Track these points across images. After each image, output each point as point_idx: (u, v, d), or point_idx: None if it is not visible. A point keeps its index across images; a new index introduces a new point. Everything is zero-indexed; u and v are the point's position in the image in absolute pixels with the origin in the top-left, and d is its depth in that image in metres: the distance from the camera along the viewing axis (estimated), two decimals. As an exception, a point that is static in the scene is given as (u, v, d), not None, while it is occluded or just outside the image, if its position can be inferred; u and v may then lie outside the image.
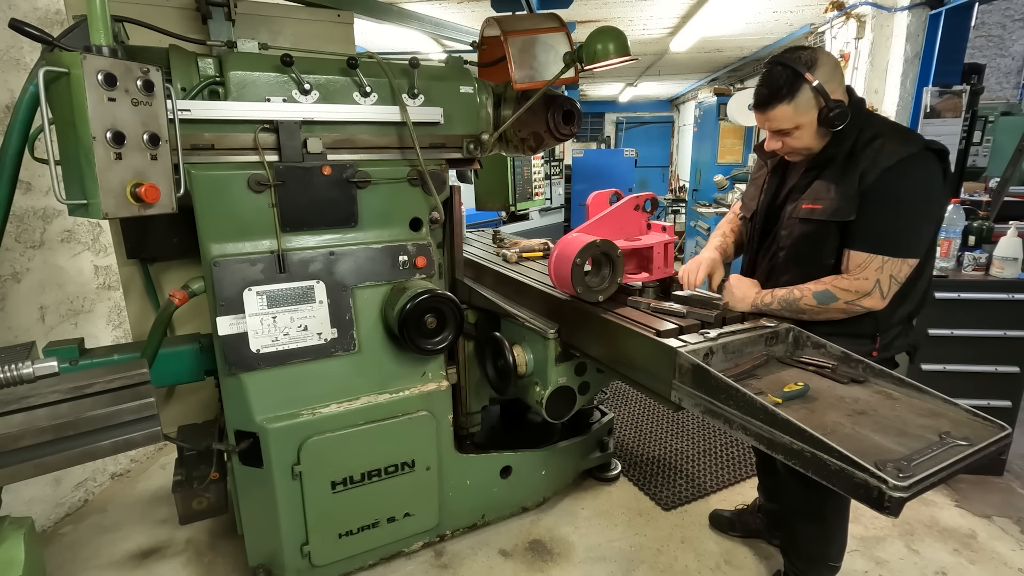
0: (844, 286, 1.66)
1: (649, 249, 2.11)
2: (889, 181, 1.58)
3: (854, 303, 1.66)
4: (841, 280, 1.67)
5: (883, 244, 1.62)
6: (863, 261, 1.64)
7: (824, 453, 1.24)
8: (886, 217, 1.60)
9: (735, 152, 7.07)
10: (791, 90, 1.61)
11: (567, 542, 2.46)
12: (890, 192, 1.59)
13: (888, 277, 1.63)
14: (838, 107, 1.60)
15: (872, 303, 1.65)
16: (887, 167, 1.59)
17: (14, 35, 1.55)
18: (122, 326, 2.92)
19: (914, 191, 1.59)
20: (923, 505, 2.65)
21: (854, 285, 1.65)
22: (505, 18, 2.20)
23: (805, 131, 1.66)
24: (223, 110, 1.78)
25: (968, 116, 3.70)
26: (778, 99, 1.63)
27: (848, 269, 1.67)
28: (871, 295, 1.64)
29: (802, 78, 1.60)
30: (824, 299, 1.68)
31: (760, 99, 1.69)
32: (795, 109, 1.63)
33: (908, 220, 1.61)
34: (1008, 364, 2.75)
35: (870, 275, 1.63)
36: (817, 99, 1.61)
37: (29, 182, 2.42)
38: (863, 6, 4.07)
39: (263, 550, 2.09)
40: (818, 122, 1.63)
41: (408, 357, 2.15)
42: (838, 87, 1.65)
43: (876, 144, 1.63)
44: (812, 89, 1.60)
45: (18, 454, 1.24)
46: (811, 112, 1.63)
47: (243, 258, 1.87)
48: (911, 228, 1.62)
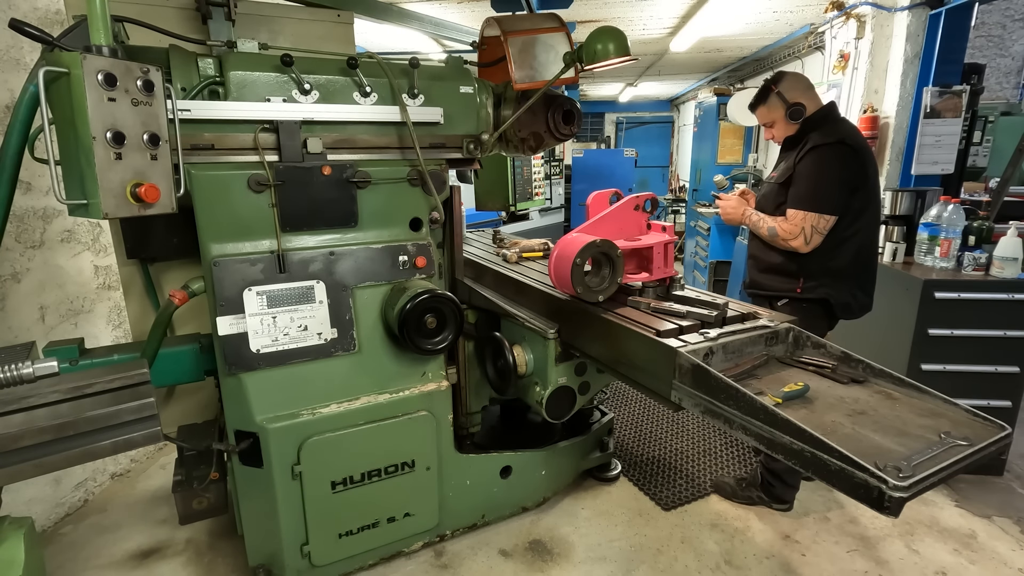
0: (785, 228, 2.32)
1: (649, 249, 2.11)
2: (807, 160, 2.28)
3: (787, 241, 2.31)
4: (783, 223, 2.33)
5: (802, 202, 2.28)
6: (792, 215, 2.31)
7: (824, 453, 1.24)
8: (803, 184, 2.30)
9: (735, 152, 7.07)
10: (764, 97, 2.48)
11: (567, 542, 2.46)
12: (807, 167, 2.28)
13: (810, 227, 2.26)
14: (794, 107, 2.39)
15: (797, 244, 2.29)
16: (808, 150, 2.29)
17: (14, 35, 1.56)
18: (122, 326, 2.92)
19: (820, 166, 2.26)
20: (923, 505, 2.65)
21: (787, 228, 2.31)
22: (505, 18, 2.20)
23: (778, 124, 2.48)
24: (223, 110, 1.78)
25: (968, 116, 3.70)
26: (757, 103, 2.53)
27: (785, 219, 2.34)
28: (797, 238, 2.28)
29: (770, 89, 2.45)
30: (771, 233, 2.37)
31: (750, 104, 2.59)
32: (768, 109, 2.48)
33: (816, 185, 2.26)
34: (1008, 364, 2.75)
35: (797, 223, 2.28)
36: (781, 102, 2.42)
37: (29, 182, 2.42)
38: (863, 6, 4.07)
39: (263, 550, 2.09)
40: (785, 117, 2.43)
41: (408, 357, 2.15)
42: (801, 95, 2.41)
43: (811, 136, 2.32)
44: (776, 95, 2.43)
45: (18, 454, 1.24)
46: (780, 110, 2.44)
47: (243, 258, 1.87)
48: (819, 191, 2.26)
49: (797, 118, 2.40)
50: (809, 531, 2.50)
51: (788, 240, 2.30)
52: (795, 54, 6.11)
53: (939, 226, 2.74)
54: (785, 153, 2.51)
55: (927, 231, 2.80)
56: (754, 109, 2.55)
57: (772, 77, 2.51)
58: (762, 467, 2.63)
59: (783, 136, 2.50)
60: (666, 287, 2.16)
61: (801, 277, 2.38)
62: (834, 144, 2.25)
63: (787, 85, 2.43)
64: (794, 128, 2.43)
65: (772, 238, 2.38)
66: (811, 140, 2.30)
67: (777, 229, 2.34)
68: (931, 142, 3.69)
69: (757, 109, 2.53)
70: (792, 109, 2.39)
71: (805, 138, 2.34)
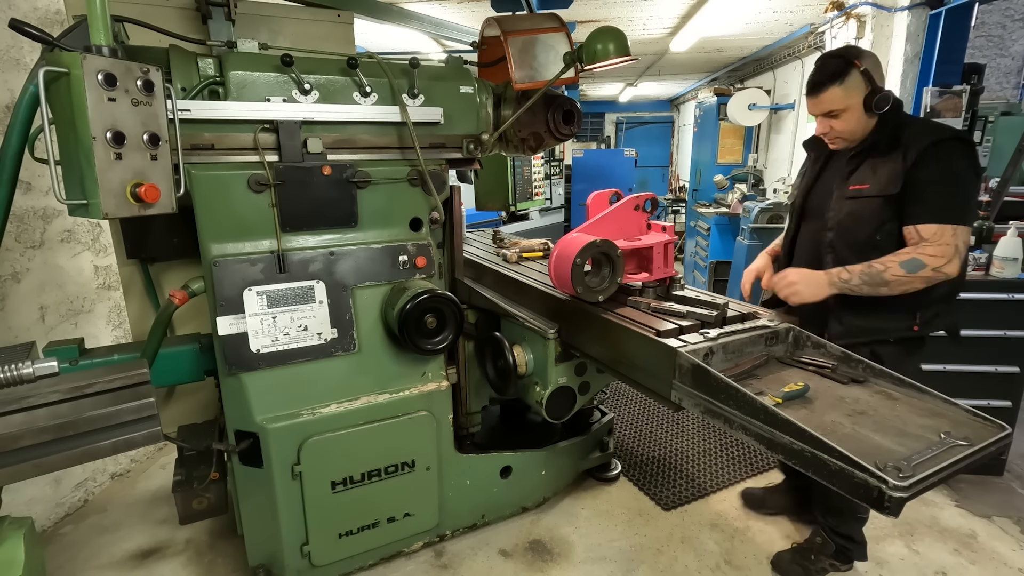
0: (931, 252, 1.74)
1: (649, 249, 2.11)
2: (934, 158, 1.76)
3: (939, 269, 1.75)
4: (927, 247, 1.76)
5: (949, 214, 1.76)
6: (936, 231, 1.76)
7: (824, 453, 1.24)
8: (944, 189, 1.76)
9: (735, 152, 7.08)
10: (842, 74, 1.83)
11: (567, 542, 2.46)
12: (940, 167, 1.76)
13: (963, 244, 1.77)
14: (883, 92, 1.82)
15: (952, 269, 1.76)
16: (926, 147, 1.76)
17: (14, 35, 1.56)
18: (122, 326, 2.92)
19: (960, 165, 1.77)
20: (923, 505, 2.65)
21: (939, 251, 1.74)
22: (505, 18, 2.20)
23: (851, 113, 1.86)
24: (223, 110, 1.78)
25: (968, 116, 3.70)
26: (830, 82, 1.85)
27: (924, 240, 1.78)
28: (952, 262, 1.75)
29: (852, 64, 1.83)
30: (912, 267, 1.75)
31: (813, 83, 1.90)
32: (844, 91, 1.84)
33: (962, 190, 1.78)
34: (1008, 364, 2.75)
35: (948, 242, 1.74)
36: (864, 83, 1.83)
37: (29, 182, 2.42)
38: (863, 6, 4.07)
39: (263, 550, 2.09)
40: (864, 106, 1.84)
41: (408, 357, 2.15)
42: (880, 79, 1.87)
43: (913, 130, 1.83)
44: (860, 73, 1.82)
45: (18, 454, 1.24)
46: (858, 95, 1.84)
47: (243, 258, 1.87)
48: (964, 198, 1.79)
49: (883, 107, 1.82)
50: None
51: (942, 267, 1.74)
52: (795, 54, 6.11)
53: (939, 226, 2.73)
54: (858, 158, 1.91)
55: (927, 231, 2.79)
56: (820, 90, 1.87)
57: (842, 50, 1.92)
58: (830, 532, 2.19)
59: (853, 132, 1.89)
60: (666, 287, 2.16)
61: (917, 310, 1.86)
62: (954, 139, 1.79)
63: (872, 63, 1.85)
64: (869, 124, 1.87)
65: (913, 277, 1.75)
66: (922, 133, 1.80)
67: (923, 259, 1.74)
68: (931, 142, 3.69)
69: (826, 90, 1.86)
70: (881, 95, 1.81)
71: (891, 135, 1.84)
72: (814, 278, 1.88)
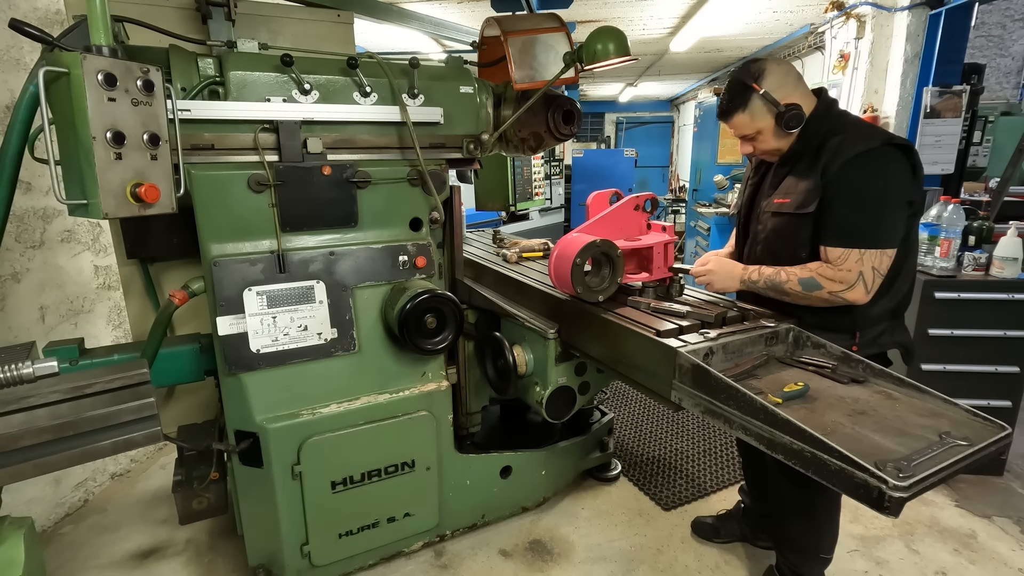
0: (829, 275, 1.68)
1: (649, 249, 2.11)
2: (848, 174, 1.64)
3: (837, 294, 1.68)
4: (826, 269, 1.69)
5: (856, 236, 1.65)
6: (840, 255, 1.67)
7: (824, 453, 1.24)
8: (851, 210, 1.65)
9: (735, 152, 7.06)
10: (744, 100, 1.77)
11: (567, 542, 2.46)
12: (851, 185, 1.65)
13: (871, 270, 1.65)
14: (792, 110, 1.72)
15: (856, 296, 1.67)
16: (846, 160, 1.64)
17: (14, 35, 1.56)
18: (122, 326, 2.92)
19: (875, 183, 1.64)
20: (923, 505, 2.65)
21: (838, 275, 1.67)
22: (505, 18, 2.20)
23: (766, 134, 1.80)
24: (223, 110, 1.78)
25: (968, 116, 3.70)
26: (735, 110, 1.80)
27: (828, 262, 1.70)
28: (855, 288, 1.66)
29: (750, 88, 1.75)
30: (808, 286, 1.71)
31: (721, 110, 1.86)
32: (751, 117, 1.78)
33: (872, 211, 1.65)
34: (1008, 364, 2.75)
35: (852, 267, 1.65)
36: (768, 106, 1.75)
37: (29, 182, 2.42)
38: (863, 6, 4.07)
39: (263, 550, 2.09)
40: (776, 125, 1.76)
41: (408, 357, 2.15)
42: (792, 91, 1.76)
43: (836, 140, 1.69)
44: (761, 98, 1.74)
45: (18, 454, 1.24)
46: (766, 118, 1.77)
47: (243, 258, 1.87)
48: (878, 219, 1.65)
49: (796, 125, 1.74)
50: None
51: (841, 292, 1.66)
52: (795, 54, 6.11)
53: (939, 226, 2.74)
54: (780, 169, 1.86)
55: (927, 231, 2.79)
56: (728, 118, 1.83)
57: (744, 69, 1.79)
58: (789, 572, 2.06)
59: (773, 150, 1.82)
60: (666, 287, 2.15)
61: (856, 329, 1.77)
62: (881, 149, 1.63)
63: (774, 82, 1.73)
64: (790, 139, 1.78)
65: (809, 296, 1.71)
66: (837, 146, 1.67)
67: (818, 279, 1.68)
68: (931, 142, 3.69)
69: (733, 117, 1.81)
70: (790, 115, 1.72)
71: (818, 144, 1.72)
72: (729, 270, 1.89)
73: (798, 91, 1.77)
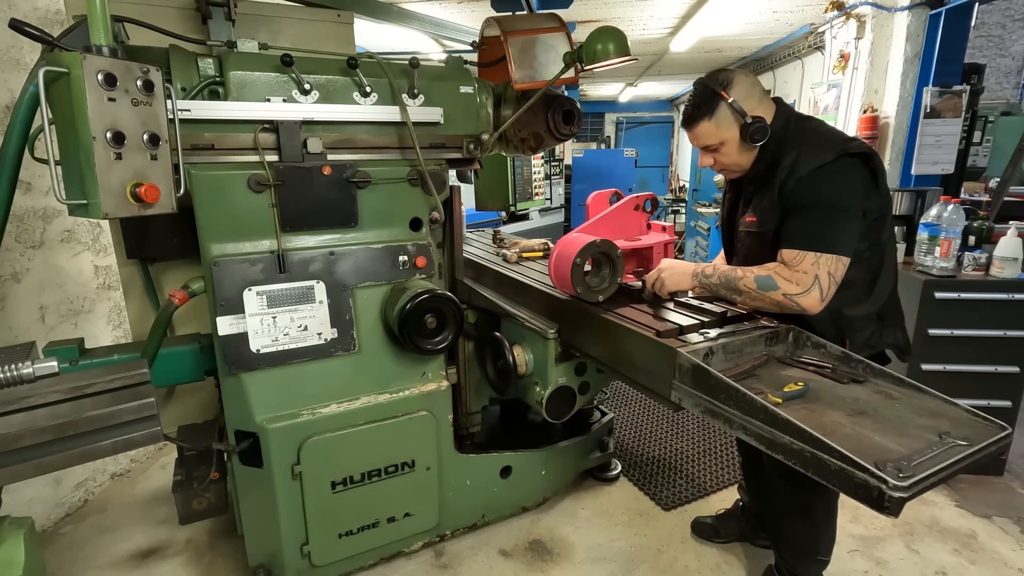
0: (786, 276, 1.66)
1: (649, 249, 2.11)
2: (803, 190, 1.64)
3: (791, 297, 1.65)
4: (784, 269, 1.67)
5: (811, 240, 1.63)
6: (796, 256, 1.65)
7: (824, 453, 1.24)
8: (807, 217, 1.65)
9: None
10: (711, 108, 1.72)
11: (567, 542, 2.46)
12: (805, 198, 1.65)
13: (827, 275, 1.62)
14: (757, 123, 1.69)
15: (810, 303, 1.64)
16: (799, 178, 1.64)
17: (14, 35, 1.55)
18: (122, 326, 2.92)
19: (828, 195, 1.63)
20: (923, 505, 2.65)
21: (795, 277, 1.64)
22: (505, 18, 2.20)
23: (730, 147, 1.76)
24: (223, 110, 1.78)
25: (968, 116, 3.70)
26: (699, 116, 1.75)
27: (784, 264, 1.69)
28: (810, 292, 1.63)
29: (719, 96, 1.70)
30: (764, 285, 1.68)
31: (685, 117, 1.81)
32: (716, 126, 1.74)
33: (827, 219, 1.63)
34: (1008, 364, 2.75)
35: (808, 269, 1.62)
36: (735, 116, 1.71)
37: (29, 182, 2.42)
38: (863, 6, 4.07)
39: (263, 550, 2.09)
40: (740, 138, 1.72)
41: (408, 357, 2.15)
42: (758, 104, 1.73)
43: (792, 156, 1.68)
44: (728, 106, 1.70)
45: (18, 454, 1.24)
46: (731, 129, 1.73)
47: (243, 258, 1.87)
48: (833, 226, 1.63)
49: (761, 139, 1.70)
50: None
51: (796, 296, 1.63)
52: (795, 54, 6.11)
53: (939, 226, 2.74)
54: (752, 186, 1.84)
55: (927, 231, 2.80)
56: (692, 125, 1.78)
57: (712, 77, 1.75)
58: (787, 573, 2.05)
59: (734, 164, 1.79)
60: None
61: (845, 337, 1.76)
62: (835, 162, 1.63)
63: (742, 92, 1.71)
64: (752, 154, 1.76)
65: (763, 296, 1.68)
66: (792, 162, 1.66)
67: (775, 278, 1.66)
68: (931, 142, 3.69)
69: (697, 125, 1.76)
70: (755, 127, 1.69)
71: (777, 159, 1.71)
72: (680, 269, 1.89)
73: (763, 105, 1.75)
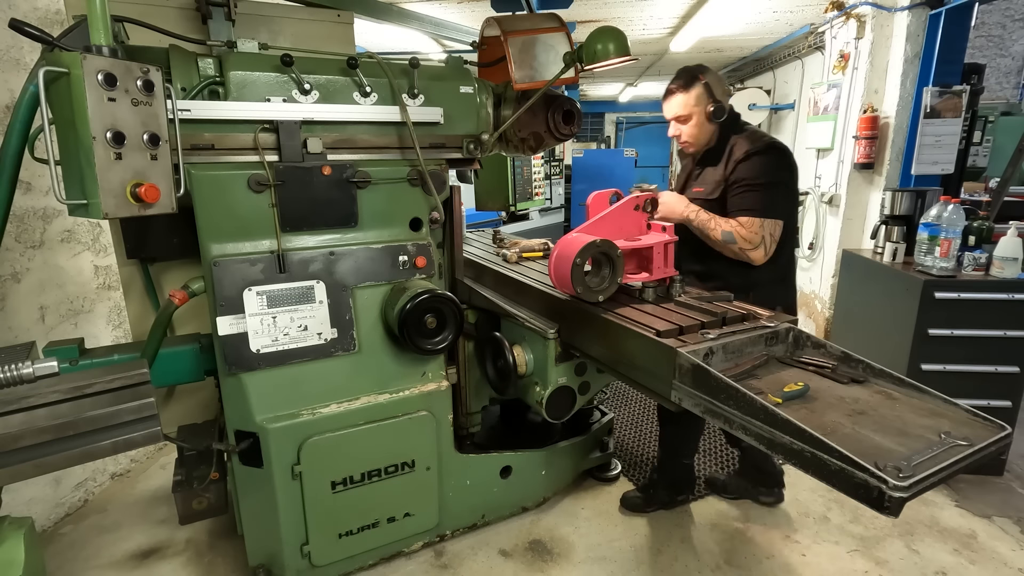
0: (744, 235, 2.14)
1: (649, 249, 2.11)
2: (748, 167, 2.15)
3: (745, 251, 2.15)
4: (742, 230, 2.14)
5: (757, 208, 2.13)
6: (748, 221, 2.13)
7: (824, 453, 1.24)
8: (750, 191, 2.14)
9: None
10: (688, 84, 2.21)
11: (567, 542, 2.46)
12: (747, 175, 2.15)
13: (769, 235, 2.14)
14: (719, 104, 2.18)
15: (757, 256, 2.16)
16: (738, 160, 2.16)
17: (14, 35, 1.56)
18: (122, 326, 2.92)
19: (763, 172, 2.14)
20: (923, 505, 2.65)
21: (748, 236, 2.13)
22: (505, 18, 2.20)
23: (696, 120, 2.23)
24: (223, 110, 1.78)
25: (968, 116, 3.69)
26: (678, 90, 2.24)
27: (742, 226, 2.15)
28: (758, 248, 2.14)
29: (696, 78, 2.20)
30: (727, 239, 2.16)
31: (667, 90, 2.30)
32: (688, 99, 2.21)
33: (764, 190, 2.13)
34: (1008, 364, 2.75)
35: (758, 231, 2.12)
36: (706, 95, 2.19)
37: (29, 182, 2.42)
38: (863, 6, 4.07)
39: (263, 550, 2.09)
40: (706, 116, 2.21)
41: (408, 357, 2.15)
42: (722, 96, 2.22)
43: (734, 143, 2.20)
44: (703, 86, 2.19)
45: (18, 454, 1.24)
46: (700, 104, 2.21)
47: (243, 258, 1.87)
48: (769, 196, 2.14)
49: (719, 117, 2.19)
50: (809, 531, 2.50)
51: (747, 250, 2.14)
52: (795, 54, 6.10)
53: (939, 226, 2.74)
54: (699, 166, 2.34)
55: (927, 231, 2.80)
56: (670, 95, 2.26)
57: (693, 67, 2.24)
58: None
59: (696, 137, 2.26)
60: (666, 287, 2.15)
61: (751, 291, 2.14)
62: (770, 148, 2.16)
63: (714, 81, 2.20)
64: (709, 131, 2.24)
65: (726, 244, 2.17)
66: (740, 146, 2.17)
67: (735, 235, 2.13)
68: (931, 142, 3.69)
69: (674, 96, 2.24)
70: (717, 106, 2.17)
71: (727, 144, 2.21)
72: (677, 200, 2.28)
73: (724, 99, 2.22)
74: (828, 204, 4.44)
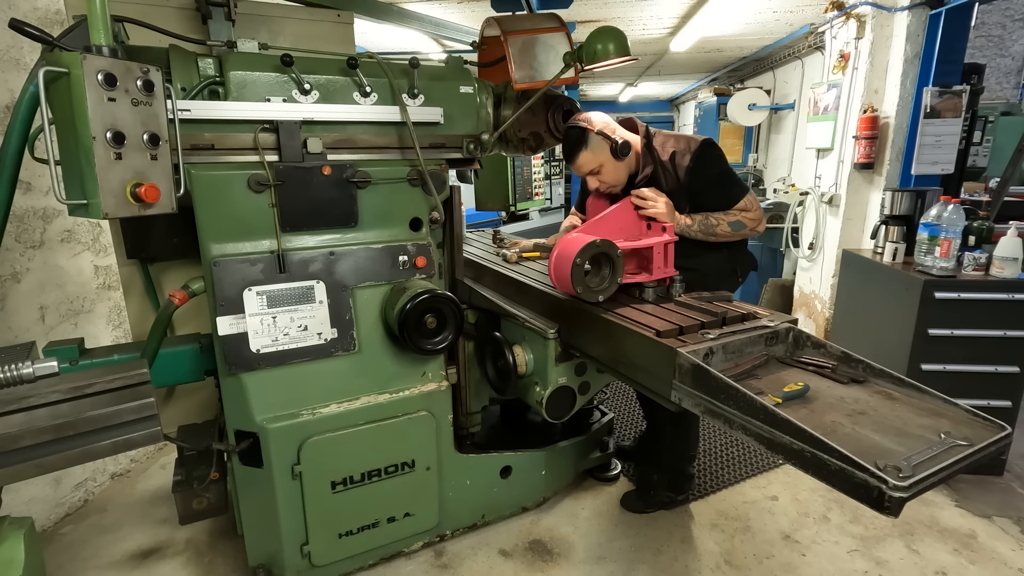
0: (749, 216, 2.25)
1: (649, 249, 2.11)
2: (702, 167, 2.21)
3: (755, 228, 2.27)
4: (746, 214, 2.25)
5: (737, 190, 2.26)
6: (744, 203, 2.24)
7: (824, 453, 1.24)
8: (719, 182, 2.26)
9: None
10: (583, 140, 2.21)
11: (567, 542, 2.46)
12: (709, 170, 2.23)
13: (759, 206, 2.28)
14: (619, 143, 2.20)
15: (762, 228, 2.31)
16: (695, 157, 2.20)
17: (14, 35, 1.56)
18: (122, 326, 2.92)
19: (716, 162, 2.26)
20: (923, 505, 2.65)
21: (753, 215, 2.25)
22: (505, 18, 2.20)
23: (607, 166, 2.26)
24: (223, 110, 1.78)
25: (968, 116, 3.69)
26: (577, 149, 2.23)
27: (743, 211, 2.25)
28: (762, 221, 2.29)
29: (587, 130, 2.20)
30: (736, 227, 2.24)
31: (567, 154, 2.29)
32: (592, 152, 2.23)
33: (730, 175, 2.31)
34: (1008, 364, 2.75)
35: (755, 207, 2.26)
36: (604, 141, 2.21)
37: (29, 182, 2.42)
38: (863, 6, 4.07)
39: (263, 550, 2.09)
40: (612, 156, 2.22)
41: (408, 357, 2.15)
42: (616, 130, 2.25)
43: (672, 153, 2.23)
44: (596, 134, 2.20)
45: (18, 454, 1.24)
46: (604, 150, 2.22)
47: (243, 258, 1.87)
48: (735, 177, 2.34)
49: (626, 152, 2.22)
50: (809, 531, 2.50)
51: (756, 225, 2.26)
52: (795, 54, 6.10)
53: (939, 226, 2.74)
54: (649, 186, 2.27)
55: (927, 231, 2.79)
56: (573, 158, 2.25)
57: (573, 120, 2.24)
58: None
59: (617, 178, 2.28)
60: (666, 287, 2.15)
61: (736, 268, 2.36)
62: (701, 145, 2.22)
63: (602, 124, 2.22)
64: (626, 166, 2.26)
65: (740, 231, 2.26)
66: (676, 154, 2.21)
67: (744, 220, 2.23)
68: (931, 142, 3.69)
69: (577, 158, 2.24)
70: (620, 145, 2.20)
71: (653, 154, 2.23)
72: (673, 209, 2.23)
73: (617, 133, 2.25)
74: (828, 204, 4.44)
